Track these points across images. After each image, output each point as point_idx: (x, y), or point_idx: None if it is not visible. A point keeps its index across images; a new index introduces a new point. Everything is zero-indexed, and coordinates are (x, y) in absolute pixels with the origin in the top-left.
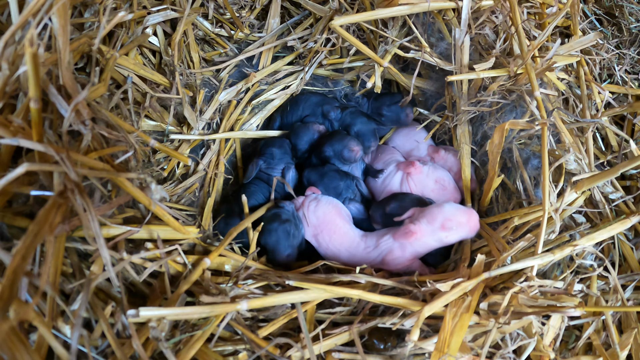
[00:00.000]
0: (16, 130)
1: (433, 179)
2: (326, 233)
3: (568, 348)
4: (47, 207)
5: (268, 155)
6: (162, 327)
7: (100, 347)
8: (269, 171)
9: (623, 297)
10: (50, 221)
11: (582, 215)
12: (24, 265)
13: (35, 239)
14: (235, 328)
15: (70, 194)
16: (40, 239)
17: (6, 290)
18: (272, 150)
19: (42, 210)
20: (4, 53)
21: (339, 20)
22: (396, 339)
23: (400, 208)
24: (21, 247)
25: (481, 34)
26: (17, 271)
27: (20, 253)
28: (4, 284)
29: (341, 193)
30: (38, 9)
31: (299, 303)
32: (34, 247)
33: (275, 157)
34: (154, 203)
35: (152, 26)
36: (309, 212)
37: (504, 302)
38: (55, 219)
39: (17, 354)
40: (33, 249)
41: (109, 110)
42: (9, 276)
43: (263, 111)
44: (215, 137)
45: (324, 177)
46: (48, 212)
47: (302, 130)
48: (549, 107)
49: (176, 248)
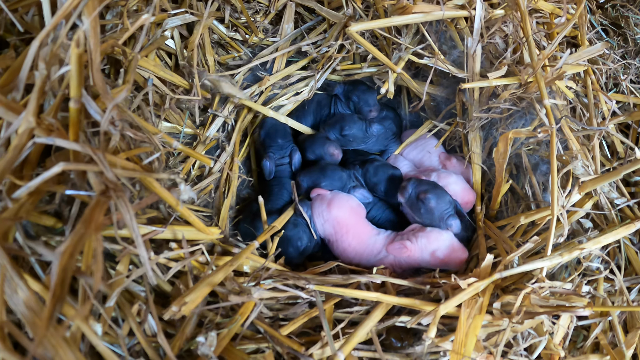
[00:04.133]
0: (49, 130)
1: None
2: (340, 234)
3: (577, 347)
4: (92, 206)
5: (276, 147)
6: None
7: (127, 345)
8: (281, 161)
9: (628, 298)
10: (96, 219)
11: (589, 220)
12: (73, 263)
13: (83, 237)
14: (258, 326)
15: (112, 193)
16: (86, 237)
17: (57, 289)
18: (278, 142)
19: (88, 209)
20: (39, 53)
21: (355, 26)
22: (413, 338)
23: (434, 201)
24: (69, 245)
25: (492, 42)
26: (66, 269)
27: (68, 251)
28: (56, 283)
29: (346, 183)
30: (70, 11)
31: (320, 301)
32: (81, 245)
33: (282, 147)
34: (181, 203)
35: (170, 29)
36: (318, 217)
37: (517, 302)
38: (100, 217)
39: (61, 351)
40: (80, 247)
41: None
42: (60, 274)
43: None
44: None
45: (326, 171)
46: (93, 211)
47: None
48: (557, 114)
49: (200, 248)
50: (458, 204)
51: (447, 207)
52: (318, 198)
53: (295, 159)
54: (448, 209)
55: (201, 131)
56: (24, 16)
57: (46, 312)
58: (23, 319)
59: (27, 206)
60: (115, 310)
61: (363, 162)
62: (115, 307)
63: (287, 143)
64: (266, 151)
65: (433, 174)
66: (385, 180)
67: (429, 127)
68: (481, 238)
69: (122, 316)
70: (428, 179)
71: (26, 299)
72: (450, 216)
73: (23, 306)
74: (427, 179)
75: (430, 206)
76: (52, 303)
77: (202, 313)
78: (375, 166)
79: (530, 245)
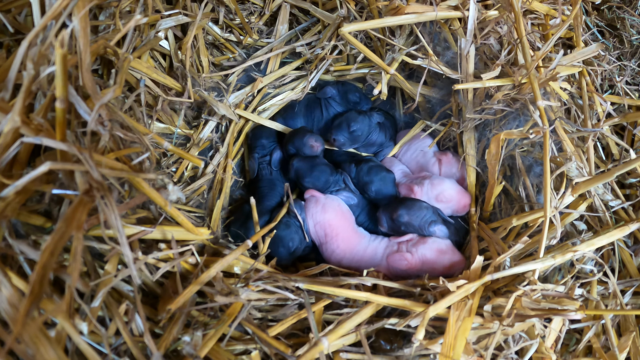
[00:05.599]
0: (37, 129)
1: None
2: (329, 238)
3: (569, 351)
4: (74, 205)
5: (260, 147)
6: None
7: (114, 344)
8: (265, 159)
9: (622, 301)
10: (78, 218)
11: (584, 222)
12: (53, 261)
13: (64, 236)
14: (245, 327)
15: (96, 193)
16: (68, 235)
17: (36, 286)
18: (261, 142)
19: (70, 208)
20: (28, 53)
21: (347, 27)
22: (402, 340)
23: (407, 215)
24: (50, 244)
25: (486, 44)
26: (46, 267)
27: (49, 249)
28: (34, 280)
29: (329, 187)
30: (60, 11)
31: (309, 303)
32: (63, 243)
33: (265, 147)
34: (170, 204)
35: (163, 30)
36: (310, 218)
37: (508, 305)
38: (82, 216)
39: (42, 348)
40: (61, 245)
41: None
42: (39, 272)
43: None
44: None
45: (314, 169)
46: (75, 210)
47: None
48: (551, 116)
49: (190, 248)
50: (440, 210)
51: (423, 214)
52: (312, 200)
53: (274, 156)
54: (425, 216)
55: (195, 132)
56: (17, 17)
57: (23, 307)
58: (4, 314)
59: (14, 205)
60: (102, 310)
61: (358, 161)
62: (103, 306)
63: (271, 143)
64: (251, 151)
65: (426, 181)
66: (377, 180)
67: (422, 126)
68: (474, 240)
69: (109, 315)
70: (400, 198)
71: (9, 295)
72: (431, 222)
73: (5, 303)
74: (396, 201)
75: (405, 221)
76: (30, 299)
77: (190, 313)
78: (369, 166)
79: (520, 247)
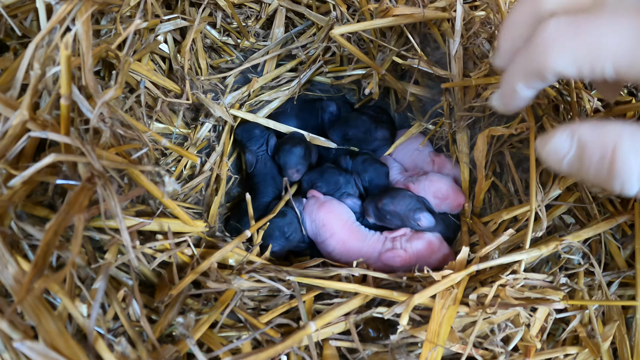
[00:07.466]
0: (43, 125)
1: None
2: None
3: (556, 339)
4: (77, 191)
5: (255, 139)
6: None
7: (112, 328)
8: (262, 149)
9: (606, 291)
10: (80, 202)
11: (572, 216)
12: (56, 239)
13: (67, 216)
14: (238, 314)
15: (97, 180)
16: (70, 217)
17: (39, 260)
18: (255, 133)
19: (73, 193)
20: (35, 54)
21: (338, 29)
22: (390, 329)
23: (392, 204)
24: (54, 224)
25: (475, 43)
26: (49, 244)
27: (52, 228)
28: (38, 255)
29: (341, 187)
30: (64, 16)
31: (299, 292)
32: (65, 224)
33: (259, 137)
34: (166, 195)
35: (163, 34)
36: (308, 216)
37: (490, 294)
38: (84, 201)
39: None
40: (64, 225)
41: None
42: (43, 248)
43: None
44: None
45: (324, 173)
46: (78, 195)
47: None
48: (539, 112)
49: (186, 240)
50: (425, 199)
51: (407, 202)
52: (313, 198)
53: (270, 143)
54: (410, 204)
55: (192, 132)
56: (23, 21)
57: (26, 279)
58: (10, 289)
59: (21, 193)
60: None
61: (354, 154)
62: (103, 293)
63: (264, 132)
64: (246, 146)
65: (422, 177)
66: (371, 170)
67: (419, 129)
68: (464, 235)
69: (108, 302)
70: (385, 188)
71: (15, 273)
72: (416, 210)
73: (11, 279)
74: (381, 191)
75: (390, 209)
76: (33, 272)
77: (184, 301)
78: (364, 158)
79: (505, 238)
